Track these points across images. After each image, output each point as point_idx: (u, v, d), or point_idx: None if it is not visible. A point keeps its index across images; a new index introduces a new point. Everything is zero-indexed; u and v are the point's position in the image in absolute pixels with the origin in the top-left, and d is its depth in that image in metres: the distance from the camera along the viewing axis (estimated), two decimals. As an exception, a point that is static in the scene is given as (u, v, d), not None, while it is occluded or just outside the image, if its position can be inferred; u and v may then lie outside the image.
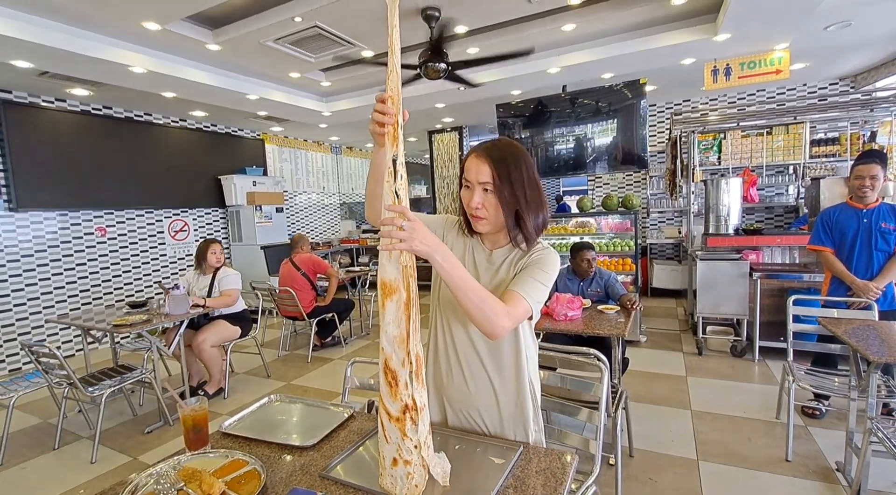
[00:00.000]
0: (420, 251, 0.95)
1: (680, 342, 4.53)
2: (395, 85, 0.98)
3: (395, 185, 0.97)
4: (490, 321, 1.03)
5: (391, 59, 0.98)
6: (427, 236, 0.95)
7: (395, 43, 0.98)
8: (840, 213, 2.94)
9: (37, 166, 4.78)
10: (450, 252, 1.01)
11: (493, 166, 1.11)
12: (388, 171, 0.97)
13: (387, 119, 0.98)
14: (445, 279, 1.00)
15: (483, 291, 1.03)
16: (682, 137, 4.86)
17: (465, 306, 1.03)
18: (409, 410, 0.96)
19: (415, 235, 0.93)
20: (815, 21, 3.84)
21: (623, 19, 4.04)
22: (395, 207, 0.95)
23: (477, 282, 1.04)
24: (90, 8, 3.24)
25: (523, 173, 1.13)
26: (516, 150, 1.15)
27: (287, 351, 4.93)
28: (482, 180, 1.12)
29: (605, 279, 3.16)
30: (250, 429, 1.37)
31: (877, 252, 2.80)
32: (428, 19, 3.65)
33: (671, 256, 6.95)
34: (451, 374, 1.26)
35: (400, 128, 1.00)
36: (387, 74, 0.99)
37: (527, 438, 1.24)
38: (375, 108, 0.98)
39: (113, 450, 2.90)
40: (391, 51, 0.98)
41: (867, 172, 2.79)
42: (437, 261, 0.98)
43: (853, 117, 4.70)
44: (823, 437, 2.70)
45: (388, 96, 0.97)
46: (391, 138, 0.99)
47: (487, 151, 1.14)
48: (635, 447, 2.62)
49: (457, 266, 1.01)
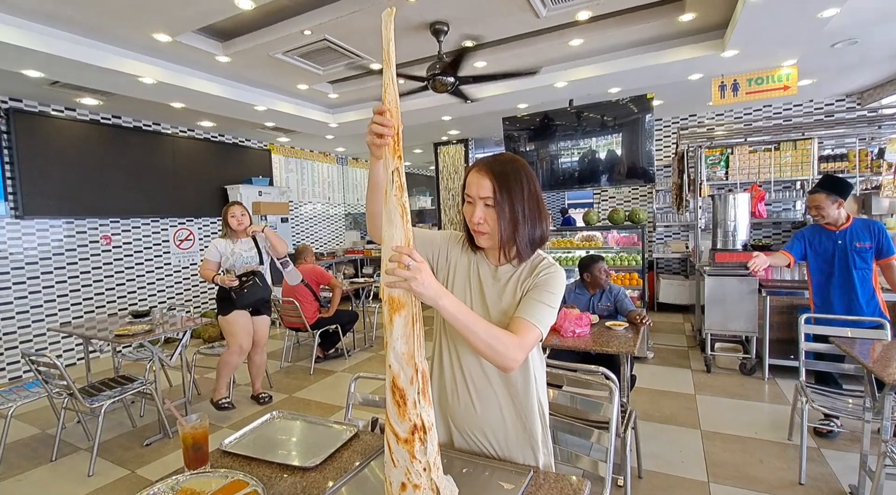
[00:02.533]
0: (420, 295, 0.93)
1: (688, 358, 4.46)
2: (392, 97, 0.97)
3: (403, 198, 0.96)
4: (503, 356, 1.02)
5: (387, 72, 0.97)
6: (430, 280, 0.93)
7: (390, 56, 0.97)
8: (818, 236, 2.95)
9: (44, 174, 4.81)
10: (452, 295, 1.00)
11: (494, 181, 1.10)
12: (396, 185, 0.95)
13: (386, 130, 0.96)
14: (451, 322, 0.99)
15: (491, 329, 1.02)
16: (689, 152, 4.85)
17: (475, 346, 1.01)
18: (418, 430, 0.93)
19: (418, 276, 0.91)
20: (822, 38, 3.84)
21: (631, 35, 4.05)
22: (403, 249, 0.93)
23: (484, 321, 1.02)
24: (102, 19, 3.28)
25: (524, 187, 1.11)
26: (518, 164, 1.14)
27: (289, 362, 4.88)
28: (483, 195, 1.11)
29: (614, 294, 3.12)
30: (251, 448, 1.33)
31: (856, 271, 2.82)
32: (436, 33, 3.67)
33: (678, 271, 6.89)
34: (457, 394, 1.22)
35: (400, 140, 0.98)
36: (383, 87, 0.98)
37: (536, 461, 1.20)
38: (374, 120, 0.97)
39: (111, 463, 2.85)
40: (387, 64, 0.96)
41: (811, 202, 2.88)
42: (441, 306, 0.96)
43: (861, 134, 4.68)
44: (837, 460, 2.63)
45: (387, 109, 0.96)
46: (391, 150, 0.97)
47: (489, 166, 1.12)
48: (644, 468, 2.55)
49: (462, 309, 1.00)
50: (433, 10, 3.43)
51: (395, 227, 0.96)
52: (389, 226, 0.96)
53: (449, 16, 3.53)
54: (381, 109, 0.97)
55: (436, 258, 1.26)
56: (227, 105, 5.00)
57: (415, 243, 1.06)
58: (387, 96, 0.97)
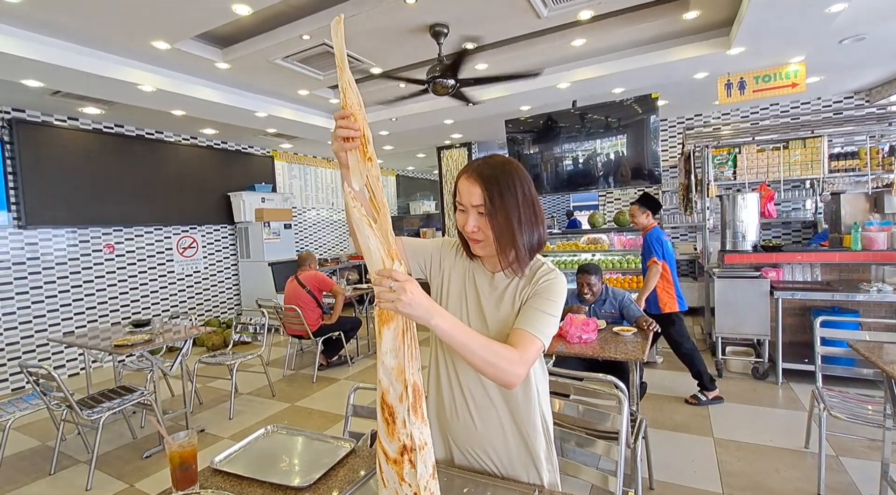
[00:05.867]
0: (409, 316, 0.87)
1: (697, 363, 4.35)
2: (353, 100, 0.91)
3: (381, 211, 0.89)
4: (504, 372, 0.95)
5: (343, 76, 0.90)
6: (417, 299, 0.86)
7: (344, 61, 0.90)
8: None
9: (47, 183, 4.81)
10: (446, 313, 0.92)
11: (484, 188, 1.03)
12: (353, 199, 0.89)
13: (354, 133, 0.90)
14: (447, 341, 0.92)
15: (489, 344, 0.95)
16: (696, 152, 4.76)
17: (473, 364, 0.95)
18: (408, 451, 0.87)
19: (402, 297, 0.84)
20: (829, 35, 3.77)
21: (634, 34, 3.99)
22: (383, 272, 0.87)
23: (481, 337, 0.95)
24: (100, 28, 3.27)
25: (517, 192, 1.04)
26: (509, 168, 1.06)
27: (293, 370, 4.83)
28: (475, 203, 1.04)
29: (619, 299, 3.03)
30: (243, 466, 1.27)
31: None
32: (436, 36, 3.63)
33: (685, 273, 6.78)
34: (456, 409, 1.15)
35: (369, 143, 0.92)
36: (341, 92, 0.91)
37: (540, 480, 1.13)
38: (339, 124, 0.90)
39: (110, 476, 2.80)
40: (341, 69, 0.90)
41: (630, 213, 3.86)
42: (433, 325, 0.89)
43: (871, 131, 4.58)
44: (856, 469, 2.53)
45: (350, 113, 0.90)
46: (361, 153, 0.91)
47: (478, 172, 1.05)
48: (656, 479, 2.46)
49: (456, 325, 0.92)
50: (433, 13, 3.38)
51: (368, 239, 0.88)
52: (363, 239, 0.89)
53: (449, 18, 3.48)
54: (344, 113, 0.91)
55: (428, 268, 1.20)
56: (227, 112, 4.99)
57: (404, 253, 0.99)
58: (347, 100, 0.91)
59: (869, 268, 3.97)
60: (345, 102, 0.91)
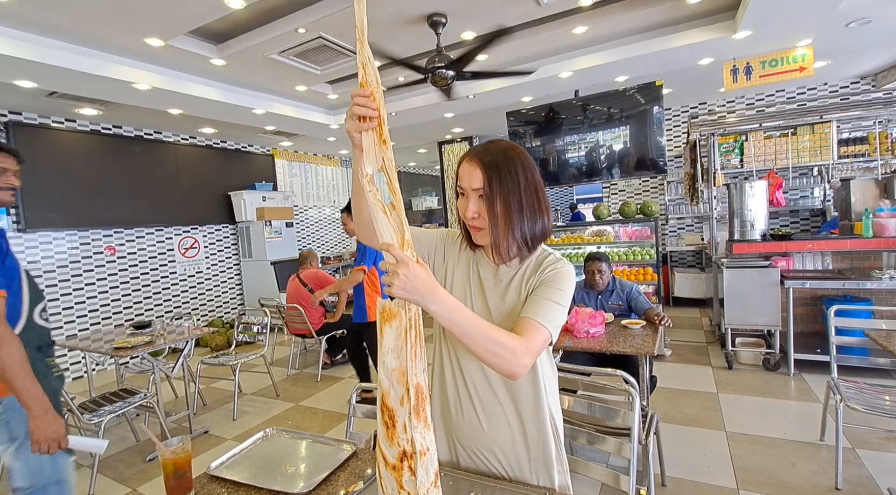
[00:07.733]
0: (407, 299, 0.81)
1: (707, 355, 4.28)
2: (373, 76, 0.84)
3: (395, 187, 0.83)
4: (508, 362, 0.89)
5: (362, 51, 0.83)
6: (413, 283, 0.80)
7: (363, 34, 0.83)
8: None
9: (46, 186, 4.77)
10: (448, 295, 0.86)
11: (484, 171, 0.98)
12: (369, 183, 0.83)
13: (371, 112, 0.84)
14: (448, 327, 0.86)
15: (493, 330, 0.89)
16: (702, 140, 4.67)
17: (475, 352, 0.89)
18: (408, 458, 0.81)
19: (395, 281, 0.79)
20: (836, 18, 3.68)
21: (636, 20, 3.90)
22: (382, 246, 0.82)
23: (484, 323, 0.89)
24: (92, 26, 3.21)
25: (519, 177, 0.99)
26: (513, 152, 1.01)
27: (296, 369, 4.79)
28: (476, 186, 0.99)
29: (626, 291, 2.96)
30: (240, 471, 1.23)
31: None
32: (434, 25, 3.56)
33: (693, 264, 6.70)
34: (461, 408, 1.10)
35: (385, 124, 0.85)
36: (360, 66, 0.84)
37: (550, 482, 1.08)
38: (356, 102, 0.84)
39: (112, 481, 2.77)
40: (361, 42, 0.83)
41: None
42: (432, 311, 0.83)
43: (878, 116, 4.48)
44: (874, 461, 2.46)
45: (370, 91, 0.84)
46: (378, 134, 0.84)
47: (479, 155, 1.00)
48: (668, 475, 2.40)
49: (457, 310, 0.86)
50: (431, 2, 3.31)
51: (382, 226, 0.83)
52: (377, 226, 0.84)
53: (447, 7, 3.41)
54: (362, 91, 0.84)
55: (432, 259, 1.14)
56: (225, 109, 4.93)
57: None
58: (367, 76, 0.84)
59: (880, 255, 3.89)
60: (364, 79, 0.84)
